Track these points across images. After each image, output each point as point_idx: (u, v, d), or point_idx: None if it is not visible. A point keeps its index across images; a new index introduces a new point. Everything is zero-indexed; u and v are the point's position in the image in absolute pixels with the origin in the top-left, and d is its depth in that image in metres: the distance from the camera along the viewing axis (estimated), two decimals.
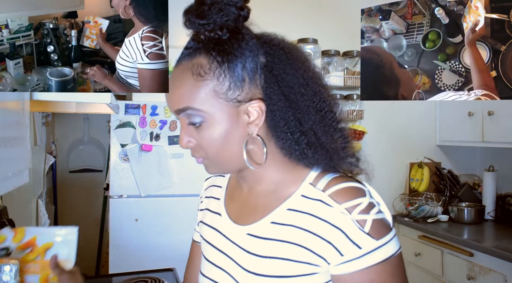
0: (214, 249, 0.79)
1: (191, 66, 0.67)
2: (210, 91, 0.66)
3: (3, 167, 1.18)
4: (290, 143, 0.69)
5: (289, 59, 0.70)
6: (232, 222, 0.77)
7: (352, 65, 2.76)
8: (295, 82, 0.69)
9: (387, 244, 0.64)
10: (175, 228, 2.38)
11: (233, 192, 0.82)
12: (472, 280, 2.23)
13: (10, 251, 0.81)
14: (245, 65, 0.66)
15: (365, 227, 0.63)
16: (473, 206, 2.73)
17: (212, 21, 0.66)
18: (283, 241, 0.68)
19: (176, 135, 2.39)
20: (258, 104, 0.67)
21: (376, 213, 0.65)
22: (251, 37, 0.68)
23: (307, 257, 0.66)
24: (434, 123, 3.05)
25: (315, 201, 0.67)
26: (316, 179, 0.70)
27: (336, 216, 0.64)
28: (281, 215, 0.70)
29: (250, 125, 0.68)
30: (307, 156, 0.70)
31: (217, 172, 0.75)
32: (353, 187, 0.66)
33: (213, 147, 0.69)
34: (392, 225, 0.68)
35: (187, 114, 0.68)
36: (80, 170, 3.76)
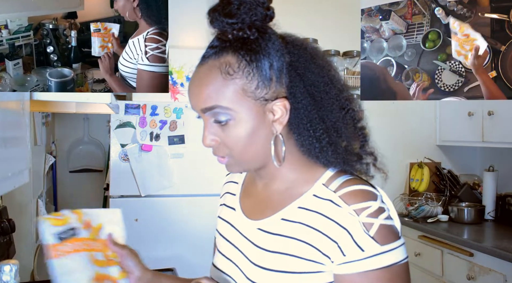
0: (227, 241, 0.81)
1: (219, 64, 0.68)
2: (239, 90, 0.67)
3: (3, 167, 1.18)
4: (311, 141, 0.70)
5: (313, 58, 0.72)
6: (245, 216, 0.79)
7: (352, 65, 2.76)
8: (319, 81, 0.70)
9: (392, 251, 0.64)
10: (175, 228, 2.38)
11: (248, 189, 0.84)
12: (472, 280, 2.23)
13: (75, 232, 0.82)
14: (272, 64, 0.68)
15: (370, 231, 0.63)
16: (473, 206, 2.73)
17: (241, 21, 0.66)
18: (291, 238, 0.69)
19: (176, 135, 2.39)
20: (283, 103, 0.69)
21: (384, 218, 0.65)
22: (276, 37, 0.69)
23: (313, 255, 0.67)
24: (434, 123, 3.05)
25: (326, 201, 0.68)
26: (330, 179, 0.70)
27: (344, 217, 0.65)
28: (292, 212, 0.71)
29: (275, 123, 0.70)
30: (326, 154, 0.70)
31: (238, 170, 0.76)
32: (365, 190, 0.66)
33: (238, 146, 0.69)
34: (401, 233, 0.67)
35: (213, 113, 0.68)
36: (80, 170, 3.76)
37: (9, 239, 1.62)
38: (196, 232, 2.31)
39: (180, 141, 2.39)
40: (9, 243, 1.62)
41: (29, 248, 2.34)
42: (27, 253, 2.32)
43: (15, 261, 1.17)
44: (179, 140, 2.40)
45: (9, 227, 1.49)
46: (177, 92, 2.45)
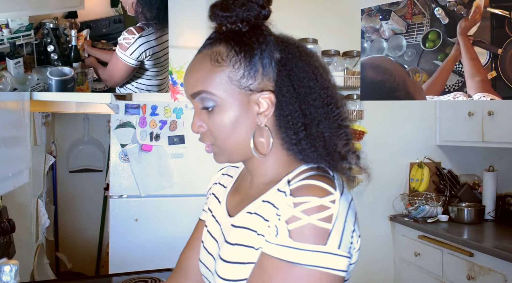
0: (209, 234, 0.83)
1: (210, 53, 0.72)
2: (225, 77, 0.70)
3: (3, 167, 1.19)
4: (289, 133, 0.71)
5: (302, 55, 0.74)
6: (227, 213, 0.81)
7: (352, 65, 2.76)
8: (304, 76, 0.72)
9: (303, 251, 0.60)
10: (175, 228, 2.38)
11: (239, 185, 0.85)
12: (472, 280, 2.23)
13: None
14: (260, 57, 0.70)
15: (291, 224, 0.62)
16: (473, 206, 2.73)
17: (235, 14, 0.70)
18: (245, 228, 0.71)
19: (176, 135, 2.39)
20: (269, 96, 0.71)
21: (318, 219, 0.61)
22: (269, 34, 0.73)
23: (260, 242, 0.67)
24: (434, 123, 3.05)
25: (281, 192, 0.69)
26: (297, 175, 0.70)
27: (283, 205, 0.65)
28: (256, 205, 0.73)
29: (260, 115, 0.72)
30: (303, 148, 0.71)
31: (225, 160, 0.77)
32: (315, 186, 0.64)
33: (221, 133, 0.72)
34: (341, 244, 0.62)
35: (201, 98, 0.72)
36: (80, 170, 3.76)
37: (9, 239, 1.62)
38: None
39: (180, 141, 2.39)
40: (9, 243, 1.62)
41: (29, 248, 2.35)
42: (27, 253, 2.32)
43: (15, 261, 1.17)
44: (179, 140, 2.40)
45: (9, 227, 1.49)
46: (177, 92, 2.45)
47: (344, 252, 0.62)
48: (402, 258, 2.84)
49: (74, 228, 3.73)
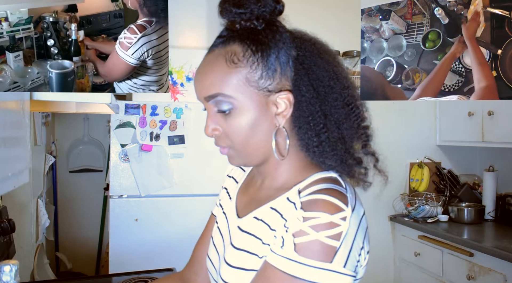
0: (218, 231, 0.82)
1: (224, 53, 0.68)
2: (242, 78, 0.67)
3: (3, 167, 1.18)
4: (311, 135, 0.68)
5: (320, 53, 0.71)
6: (236, 212, 0.79)
7: (352, 65, 2.76)
8: (324, 75, 0.69)
9: (307, 267, 0.59)
10: (175, 228, 2.38)
11: (249, 182, 0.83)
12: (472, 280, 2.23)
13: None
14: (278, 56, 0.67)
15: (298, 238, 0.60)
16: (473, 206, 2.73)
17: (249, 11, 0.66)
18: (252, 235, 0.70)
19: (176, 135, 2.39)
20: (287, 96, 0.68)
21: (327, 236, 0.59)
22: (284, 30, 0.69)
23: (265, 251, 0.66)
24: (434, 123, 3.05)
25: (291, 203, 0.67)
26: (309, 185, 0.67)
27: (293, 218, 0.63)
28: (263, 212, 0.71)
29: (278, 116, 0.69)
30: (323, 151, 0.68)
31: (240, 163, 0.74)
32: (327, 202, 0.61)
33: (239, 136, 0.69)
34: (345, 264, 0.60)
35: (216, 101, 0.68)
36: (80, 170, 3.76)
37: (9, 239, 1.62)
38: (196, 232, 2.31)
39: (180, 141, 2.39)
40: (9, 243, 1.62)
41: (29, 248, 2.35)
42: (27, 253, 2.32)
43: (15, 261, 1.16)
44: (179, 140, 2.40)
45: (9, 227, 1.48)
46: (177, 92, 2.45)
47: (350, 271, 0.61)
48: (402, 258, 2.84)
49: (74, 228, 3.73)
